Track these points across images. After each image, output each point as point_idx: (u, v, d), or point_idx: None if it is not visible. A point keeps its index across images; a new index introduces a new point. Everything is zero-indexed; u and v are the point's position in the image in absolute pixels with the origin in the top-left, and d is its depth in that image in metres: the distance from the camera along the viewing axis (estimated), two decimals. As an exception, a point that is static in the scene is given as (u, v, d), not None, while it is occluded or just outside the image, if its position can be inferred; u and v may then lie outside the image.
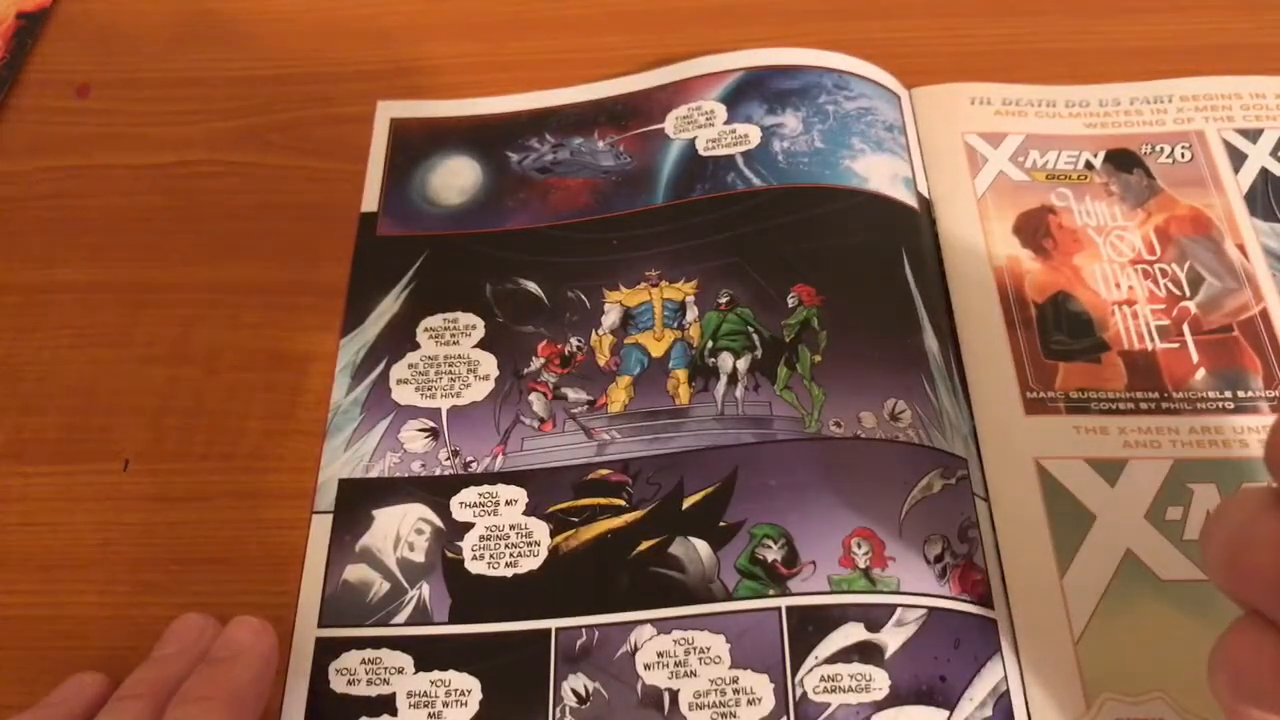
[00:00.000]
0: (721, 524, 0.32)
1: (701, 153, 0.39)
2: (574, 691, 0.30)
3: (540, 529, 0.32)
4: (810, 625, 0.30)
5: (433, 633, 0.31)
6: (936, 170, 0.39)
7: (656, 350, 0.36)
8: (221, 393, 0.36)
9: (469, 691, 0.30)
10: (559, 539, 0.32)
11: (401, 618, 0.31)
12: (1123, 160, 0.39)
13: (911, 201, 0.38)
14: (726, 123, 0.39)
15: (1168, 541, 0.31)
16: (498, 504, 0.33)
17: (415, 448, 0.34)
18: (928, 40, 0.43)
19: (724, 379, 0.34)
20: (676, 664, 0.30)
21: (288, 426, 0.35)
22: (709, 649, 0.30)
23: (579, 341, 0.36)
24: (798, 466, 0.32)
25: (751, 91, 0.40)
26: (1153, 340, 0.35)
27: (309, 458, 0.34)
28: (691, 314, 0.36)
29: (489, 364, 0.36)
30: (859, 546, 0.31)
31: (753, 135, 0.39)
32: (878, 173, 0.38)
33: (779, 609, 0.30)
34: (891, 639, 0.29)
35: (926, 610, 0.30)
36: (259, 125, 0.42)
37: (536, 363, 0.36)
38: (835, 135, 0.38)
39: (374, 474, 0.34)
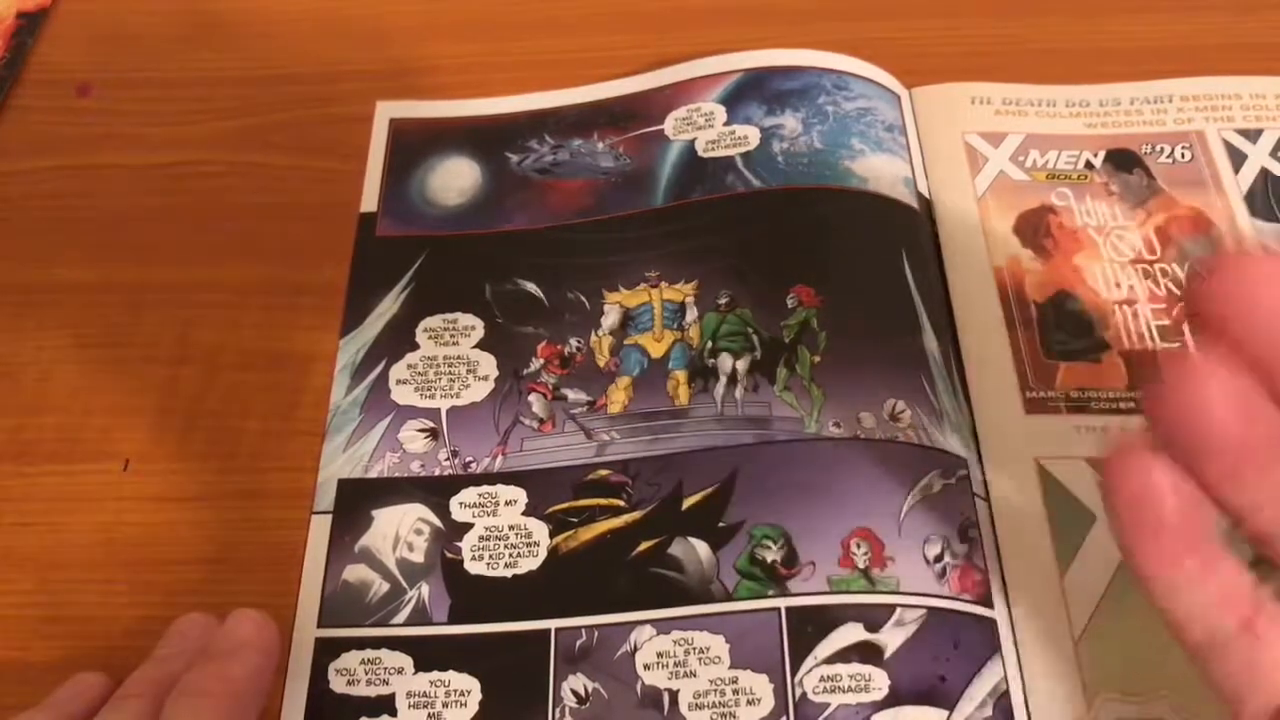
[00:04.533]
0: (721, 524, 0.32)
1: (701, 154, 0.39)
2: (573, 692, 0.30)
3: (540, 529, 0.32)
4: (810, 626, 0.30)
5: (432, 633, 0.31)
6: (936, 170, 0.39)
7: (656, 351, 0.36)
8: (221, 393, 0.36)
9: (468, 692, 0.30)
10: (558, 539, 0.32)
11: (401, 618, 0.31)
12: (1123, 160, 0.39)
13: (911, 201, 0.38)
14: (726, 124, 0.39)
15: (1167, 542, 0.31)
16: (497, 504, 0.33)
17: (415, 448, 0.34)
18: (928, 40, 0.43)
19: (723, 380, 0.34)
20: (676, 664, 0.30)
21: (287, 427, 0.35)
22: (709, 649, 0.30)
23: (579, 342, 0.36)
24: (797, 467, 0.32)
25: (751, 93, 0.40)
26: (1153, 340, 0.35)
27: (309, 458, 0.34)
28: (691, 315, 0.36)
29: (488, 364, 0.36)
30: (858, 547, 0.31)
31: (752, 136, 0.39)
32: (877, 173, 0.38)
33: (778, 609, 0.30)
34: (891, 639, 0.29)
35: (926, 610, 0.30)
36: (259, 125, 0.42)
37: (536, 363, 0.36)
38: (835, 136, 0.38)
39: (373, 474, 0.34)
